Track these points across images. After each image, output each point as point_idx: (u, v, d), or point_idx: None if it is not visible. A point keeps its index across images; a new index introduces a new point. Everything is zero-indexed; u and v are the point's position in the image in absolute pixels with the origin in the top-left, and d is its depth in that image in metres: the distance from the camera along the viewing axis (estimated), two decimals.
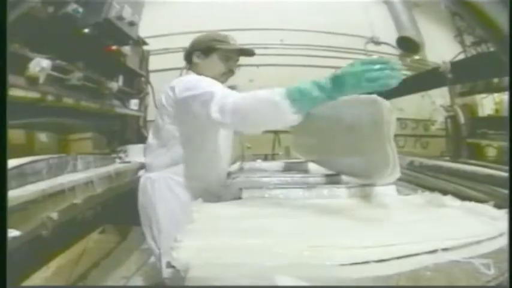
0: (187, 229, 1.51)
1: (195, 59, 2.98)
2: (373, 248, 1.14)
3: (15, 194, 2.73)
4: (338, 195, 2.14)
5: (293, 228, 1.53)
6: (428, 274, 1.01)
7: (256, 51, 6.52)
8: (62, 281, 3.72)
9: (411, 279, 0.99)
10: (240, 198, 2.17)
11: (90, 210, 3.60)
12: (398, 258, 1.07)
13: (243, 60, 6.53)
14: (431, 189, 2.11)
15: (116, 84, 4.19)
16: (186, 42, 5.95)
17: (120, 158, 4.12)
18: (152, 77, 5.34)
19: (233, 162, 4.91)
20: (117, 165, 3.98)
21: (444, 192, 1.96)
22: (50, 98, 3.14)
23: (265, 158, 5.44)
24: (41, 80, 2.97)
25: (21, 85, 2.79)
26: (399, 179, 1.96)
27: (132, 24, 3.86)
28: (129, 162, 4.02)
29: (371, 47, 7.34)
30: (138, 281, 4.02)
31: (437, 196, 1.93)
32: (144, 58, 5.17)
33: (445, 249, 1.11)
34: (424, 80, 5.01)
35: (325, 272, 1.05)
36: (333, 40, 7.02)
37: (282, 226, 1.56)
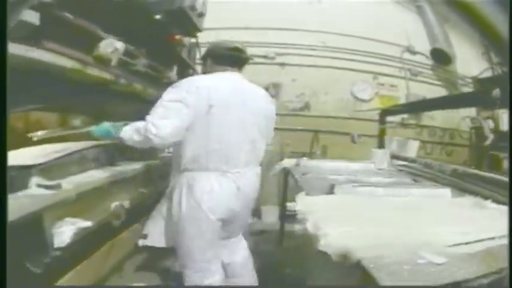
0: (315, 218, 1.80)
1: None
2: (467, 235, 1.58)
3: (85, 180, 2.50)
4: (409, 193, 2.47)
5: (400, 219, 1.89)
6: (496, 251, 1.43)
7: (299, 51, 6.54)
8: None
9: (488, 254, 1.40)
10: (332, 193, 2.39)
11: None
12: (477, 241, 1.51)
13: (286, 59, 6.56)
14: (472, 193, 2.55)
15: (174, 74, 3.90)
16: (229, 37, 5.85)
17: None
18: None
19: (277, 158, 4.70)
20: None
21: (484, 196, 2.38)
22: (122, 81, 2.84)
23: (303, 155, 4.96)
24: (114, 62, 2.68)
25: (89, 63, 2.48)
26: (446, 184, 2.77)
27: (201, 15, 3.66)
28: None
29: (406, 55, 7.10)
30: None
31: (479, 200, 2.30)
32: (192, 50, 4.83)
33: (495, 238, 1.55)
34: (469, 98, 4.73)
35: (450, 249, 1.43)
36: (370, 46, 6.77)
37: (391, 217, 1.94)
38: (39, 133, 2.55)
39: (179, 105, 2.35)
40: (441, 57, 7.10)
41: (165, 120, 2.30)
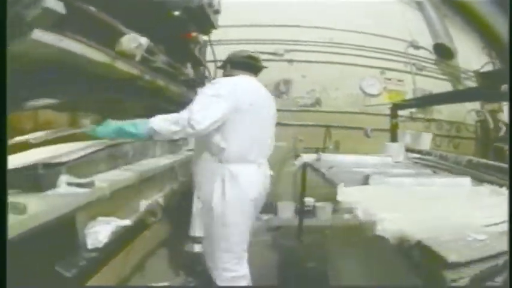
0: (363, 206, 1.85)
1: None
2: (493, 217, 1.66)
3: (115, 177, 2.36)
4: (433, 183, 2.54)
5: (436, 206, 1.99)
6: None
7: (308, 48, 6.41)
8: None
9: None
10: (367, 184, 2.44)
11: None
12: (503, 222, 1.56)
13: (295, 56, 6.43)
14: (487, 182, 2.57)
15: (191, 71, 3.78)
16: (238, 35, 5.74)
17: None
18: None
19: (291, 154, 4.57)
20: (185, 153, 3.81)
21: (498, 184, 2.41)
22: (147, 77, 2.71)
23: (317, 151, 4.87)
24: (138, 57, 2.57)
25: (117, 58, 2.36)
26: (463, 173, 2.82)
27: (216, 12, 3.66)
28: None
29: (411, 50, 6.99)
30: None
31: (496, 187, 2.34)
32: (202, 48, 4.69)
33: None
34: (477, 93, 4.76)
35: (486, 228, 1.53)
36: (375, 42, 6.67)
37: (427, 204, 2.02)
38: (38, 134, 2.39)
39: (219, 100, 2.48)
40: (444, 52, 7.02)
41: (205, 112, 2.41)
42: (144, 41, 2.55)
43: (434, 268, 1.25)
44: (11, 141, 2.27)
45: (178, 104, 3.11)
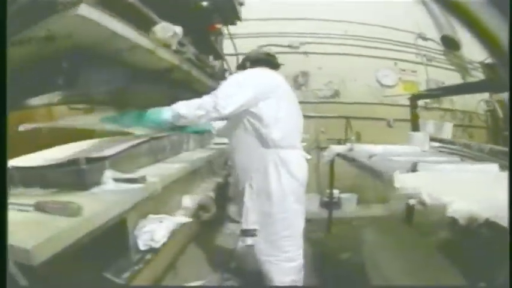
0: (426, 191, 1.81)
1: None
2: None
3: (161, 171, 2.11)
4: (466, 169, 2.47)
5: (484, 188, 1.91)
6: None
7: (322, 40, 6.19)
8: None
9: None
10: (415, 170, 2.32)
11: None
12: None
13: (310, 48, 6.21)
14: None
15: (217, 63, 3.55)
16: (253, 28, 5.50)
17: None
18: None
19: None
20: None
21: None
22: (184, 67, 2.48)
23: (339, 142, 4.93)
24: (174, 46, 2.34)
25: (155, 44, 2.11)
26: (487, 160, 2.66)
27: (241, 4, 3.54)
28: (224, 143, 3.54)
29: (420, 42, 6.79)
30: None
31: None
32: (219, 41, 4.45)
33: None
34: (491, 84, 4.50)
35: None
36: (386, 34, 6.48)
37: (476, 187, 1.97)
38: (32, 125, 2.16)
39: (243, 88, 2.45)
40: (450, 43, 6.83)
41: (229, 98, 2.38)
42: (178, 30, 2.34)
43: (504, 243, 1.18)
44: (21, 128, 2.09)
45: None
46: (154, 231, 1.77)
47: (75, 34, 1.52)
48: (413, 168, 2.35)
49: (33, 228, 1.20)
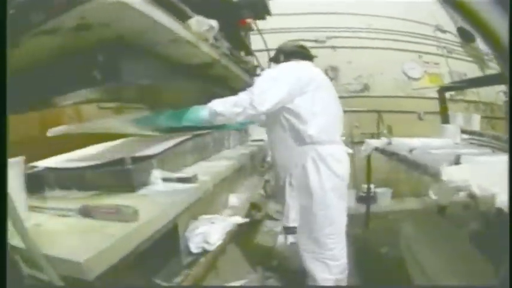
0: (475, 183, 1.77)
1: None
2: None
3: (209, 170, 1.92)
4: (503, 160, 2.08)
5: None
6: None
7: (348, 34, 6.00)
8: None
9: None
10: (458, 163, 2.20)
11: None
12: None
13: (336, 43, 6.00)
14: None
15: (253, 59, 3.36)
16: (276, 24, 5.29)
17: None
18: None
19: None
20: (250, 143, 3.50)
21: None
22: (223, 62, 2.37)
23: (372, 136, 4.83)
24: (210, 40, 2.14)
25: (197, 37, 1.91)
26: None
27: None
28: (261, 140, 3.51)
29: (439, 34, 6.62)
30: None
31: None
32: (247, 36, 4.24)
33: None
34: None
35: None
36: (406, 26, 6.32)
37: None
38: (59, 128, 1.99)
39: (279, 83, 2.30)
40: (466, 35, 6.64)
41: (266, 94, 2.23)
42: (214, 23, 2.13)
43: None
44: (49, 132, 2.00)
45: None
46: (208, 233, 1.59)
47: (114, 23, 1.30)
48: (457, 161, 2.24)
49: (83, 237, 1.03)
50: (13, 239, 0.86)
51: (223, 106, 2.16)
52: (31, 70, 1.50)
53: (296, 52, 2.71)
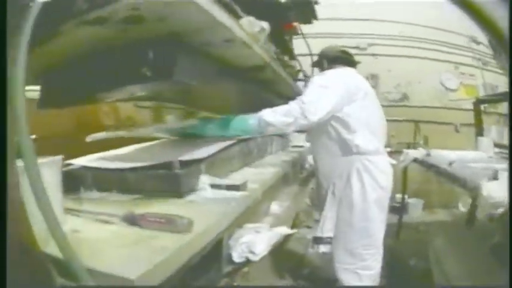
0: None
1: None
2: None
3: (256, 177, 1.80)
4: None
5: None
6: None
7: (388, 42, 5.90)
8: None
9: None
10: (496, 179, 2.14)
11: None
12: None
13: (377, 50, 5.86)
14: None
15: (298, 64, 3.25)
16: (318, 28, 5.14)
17: None
18: None
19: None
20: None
21: None
22: (273, 65, 2.24)
23: (408, 146, 4.69)
24: (262, 42, 1.99)
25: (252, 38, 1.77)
26: None
27: (316, 3, 3.17)
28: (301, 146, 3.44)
29: (473, 45, 6.37)
30: None
31: None
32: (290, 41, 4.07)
33: None
34: None
35: None
36: (440, 36, 6.12)
37: None
38: (99, 134, 1.86)
39: (329, 91, 2.18)
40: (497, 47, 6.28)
41: (317, 103, 2.10)
42: (266, 25, 2.00)
43: None
44: (88, 138, 1.87)
45: (288, 98, 2.55)
46: (253, 243, 1.47)
47: (170, 18, 1.18)
48: (495, 176, 2.18)
49: (130, 249, 0.90)
50: (47, 245, 0.75)
51: (273, 116, 2.04)
52: (74, 63, 1.42)
53: (340, 58, 2.60)
